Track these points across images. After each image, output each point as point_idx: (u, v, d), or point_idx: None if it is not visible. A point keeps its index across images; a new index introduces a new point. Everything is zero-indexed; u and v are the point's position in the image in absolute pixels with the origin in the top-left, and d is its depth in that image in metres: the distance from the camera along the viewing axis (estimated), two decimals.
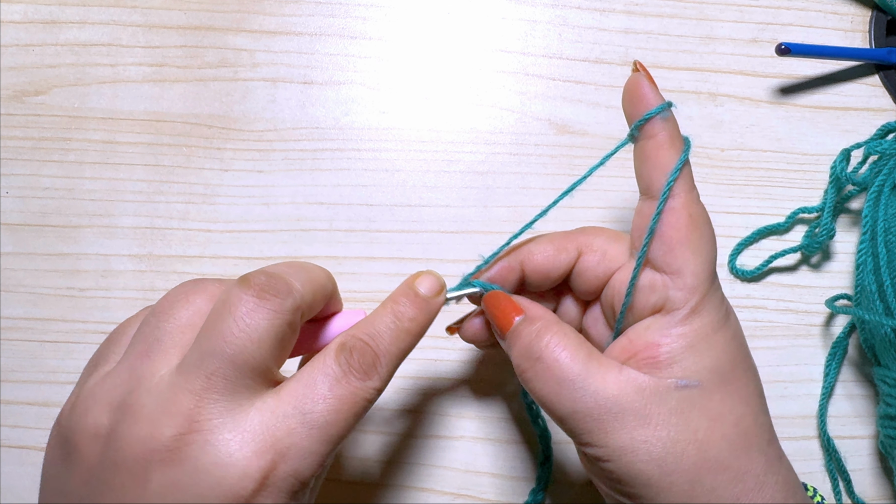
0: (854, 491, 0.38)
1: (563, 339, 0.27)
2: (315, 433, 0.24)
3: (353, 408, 0.25)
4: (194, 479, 0.22)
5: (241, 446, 0.23)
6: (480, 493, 0.38)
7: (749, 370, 0.28)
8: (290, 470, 0.23)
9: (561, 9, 0.44)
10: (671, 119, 0.28)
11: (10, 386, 0.39)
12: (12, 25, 0.43)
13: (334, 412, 0.24)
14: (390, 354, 0.27)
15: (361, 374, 0.25)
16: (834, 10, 0.44)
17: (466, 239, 0.41)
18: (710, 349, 0.27)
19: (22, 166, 0.41)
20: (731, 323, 0.28)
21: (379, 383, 0.26)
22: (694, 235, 0.27)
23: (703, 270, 0.27)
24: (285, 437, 0.23)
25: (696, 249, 0.27)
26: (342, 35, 0.43)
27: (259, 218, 0.41)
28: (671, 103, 0.28)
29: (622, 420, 0.26)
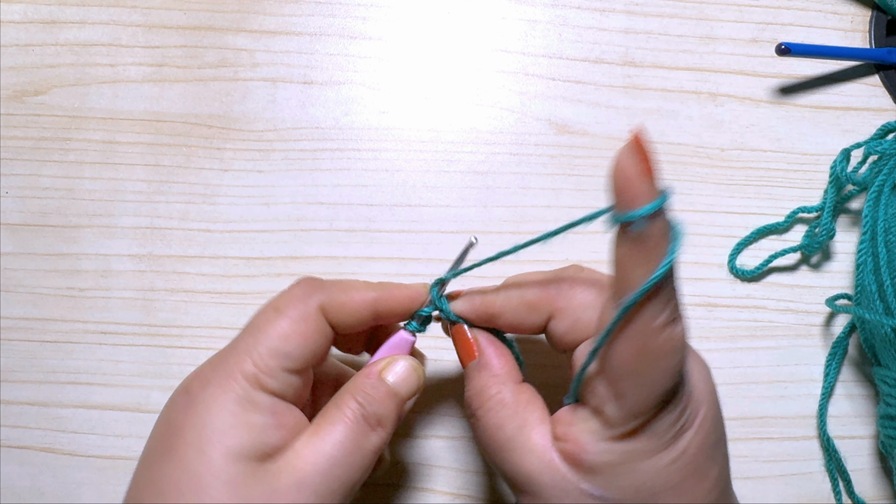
0: (854, 491, 0.38)
1: (501, 401, 0.28)
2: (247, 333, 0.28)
3: (282, 306, 0.28)
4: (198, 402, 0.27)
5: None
6: (480, 493, 0.38)
7: (687, 492, 0.25)
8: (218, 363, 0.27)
9: (561, 9, 0.44)
10: (659, 222, 0.22)
11: (10, 386, 0.39)
12: (12, 25, 0.43)
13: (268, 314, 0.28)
14: (338, 283, 0.29)
15: (299, 285, 0.29)
16: (834, 10, 0.44)
17: (466, 239, 0.41)
18: (637, 473, 0.25)
19: (22, 166, 0.41)
20: (678, 446, 0.25)
21: (311, 288, 0.29)
22: (643, 368, 0.23)
23: (646, 401, 0.24)
24: (230, 346, 0.28)
25: (644, 381, 0.24)
26: (342, 35, 0.43)
27: (259, 218, 0.41)
28: (666, 196, 0.22)
29: (537, 496, 0.26)
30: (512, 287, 0.30)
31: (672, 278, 0.23)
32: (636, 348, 0.23)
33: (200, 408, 0.26)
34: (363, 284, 0.30)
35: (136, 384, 0.39)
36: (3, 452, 0.38)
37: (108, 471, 0.38)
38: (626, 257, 0.23)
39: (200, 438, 0.25)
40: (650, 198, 0.22)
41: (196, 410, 0.26)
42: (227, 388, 0.26)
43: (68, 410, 0.38)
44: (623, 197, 0.22)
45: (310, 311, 0.28)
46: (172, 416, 0.27)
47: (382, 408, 0.28)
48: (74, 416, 0.38)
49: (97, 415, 0.38)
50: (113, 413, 0.38)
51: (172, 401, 0.27)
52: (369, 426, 0.28)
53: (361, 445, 0.27)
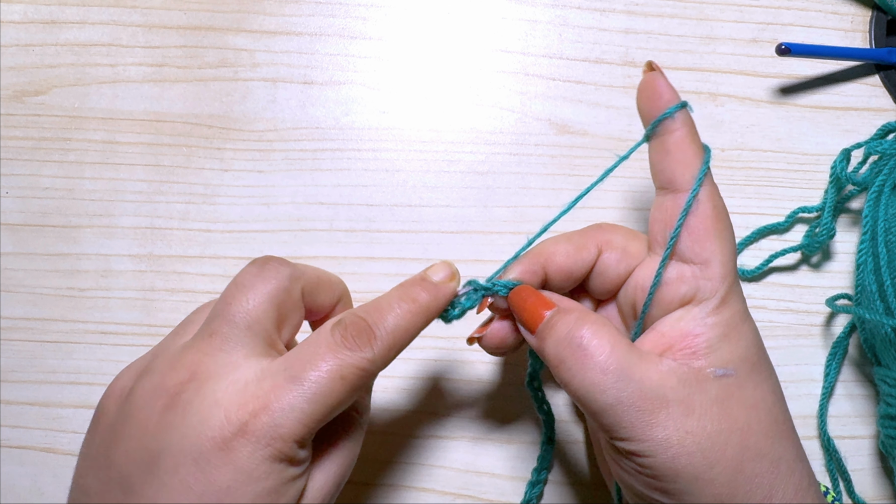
0: (854, 491, 0.38)
1: (601, 328, 0.27)
2: (299, 390, 0.25)
3: (343, 373, 0.25)
4: (184, 419, 0.24)
5: (227, 395, 0.25)
6: (480, 493, 0.38)
7: (769, 361, 0.29)
8: (269, 421, 0.24)
9: (561, 9, 0.44)
10: (689, 116, 0.29)
11: (10, 386, 0.39)
12: (12, 25, 0.43)
13: (323, 375, 0.25)
14: (388, 329, 0.27)
15: (354, 344, 0.26)
16: (834, 10, 0.44)
17: (466, 239, 0.41)
18: (741, 338, 0.27)
19: (22, 166, 0.41)
20: (747, 309, 0.29)
21: (372, 354, 0.26)
22: (719, 226, 0.28)
23: (729, 260, 0.28)
24: (270, 391, 0.25)
25: (723, 240, 0.28)
26: (342, 35, 0.43)
27: (259, 218, 0.41)
28: (686, 103, 0.29)
29: (667, 411, 0.25)
30: (556, 238, 0.31)
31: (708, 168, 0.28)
32: (712, 207, 0.28)
33: (247, 466, 0.24)
34: (410, 324, 0.28)
35: None
36: (3, 452, 0.38)
37: None
38: (671, 153, 0.28)
39: (253, 500, 0.24)
40: (676, 101, 0.28)
41: (243, 470, 0.24)
42: (278, 449, 0.24)
43: (68, 410, 0.38)
44: (657, 102, 0.28)
45: (370, 382, 0.27)
46: (208, 466, 0.24)
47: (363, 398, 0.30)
48: (74, 416, 0.38)
49: None
50: None
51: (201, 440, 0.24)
52: (359, 416, 0.29)
53: (356, 439, 0.29)
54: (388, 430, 0.38)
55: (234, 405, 0.24)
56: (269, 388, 0.25)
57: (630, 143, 0.42)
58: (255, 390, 0.25)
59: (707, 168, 0.28)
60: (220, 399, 0.24)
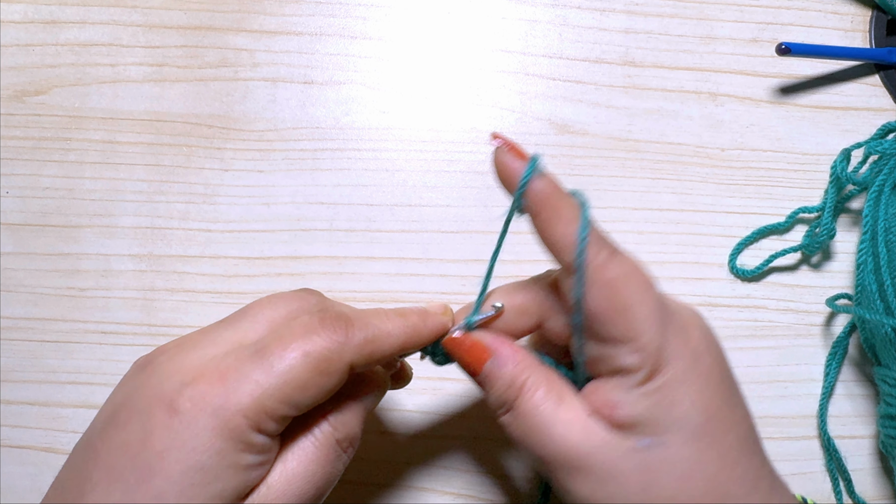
0: (855, 491, 0.38)
1: (534, 384, 0.27)
2: (258, 363, 0.24)
3: (307, 349, 0.25)
4: (148, 379, 0.25)
5: (191, 362, 0.25)
6: (480, 493, 0.38)
7: (728, 417, 0.26)
8: (220, 390, 0.24)
9: (561, 8, 0.44)
10: (544, 183, 0.25)
11: (10, 386, 0.39)
12: (12, 25, 0.43)
13: (288, 352, 0.25)
14: (367, 323, 0.27)
15: (328, 327, 0.26)
16: (834, 10, 0.44)
17: (467, 239, 0.41)
18: (677, 405, 0.25)
19: (22, 166, 0.41)
20: (703, 365, 0.25)
21: (343, 338, 0.26)
22: (620, 299, 0.24)
23: (647, 329, 0.24)
24: (231, 363, 0.25)
25: (630, 312, 0.24)
26: (342, 35, 0.43)
27: (259, 218, 0.41)
28: (535, 161, 0.25)
29: (587, 472, 0.25)
30: (500, 297, 0.29)
31: (593, 225, 0.25)
32: (600, 288, 0.24)
33: (185, 437, 0.23)
34: (393, 329, 0.27)
35: None
36: (3, 452, 0.38)
37: None
38: (547, 234, 0.25)
39: (184, 479, 0.23)
40: (522, 170, 0.25)
41: (180, 438, 0.23)
42: (222, 422, 0.23)
43: (68, 410, 0.38)
44: (509, 180, 0.26)
45: (338, 368, 0.26)
46: (148, 431, 0.24)
47: (353, 429, 0.28)
48: (74, 416, 0.38)
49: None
50: None
51: (149, 408, 0.24)
52: (341, 449, 0.27)
53: (334, 469, 0.27)
54: (388, 429, 0.38)
55: (192, 370, 0.24)
56: (232, 361, 0.25)
57: (630, 143, 0.42)
58: (218, 362, 0.25)
59: (583, 247, 0.24)
60: (183, 364, 0.25)
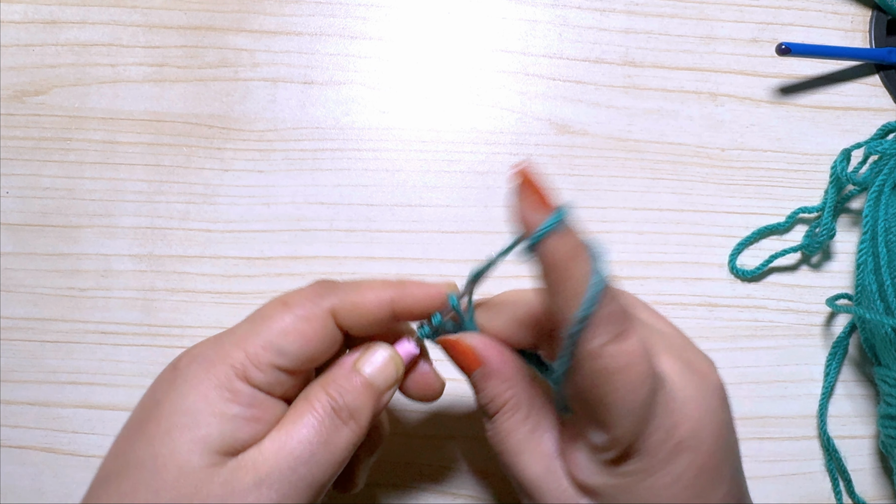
0: (854, 491, 0.38)
1: (512, 406, 0.27)
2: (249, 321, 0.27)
3: (292, 301, 0.27)
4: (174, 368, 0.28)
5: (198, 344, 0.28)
6: (480, 493, 0.38)
7: (710, 493, 0.24)
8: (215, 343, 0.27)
9: (561, 9, 0.44)
10: (565, 240, 0.22)
11: (10, 386, 0.39)
12: (12, 25, 0.43)
13: (274, 305, 0.27)
14: (353, 284, 0.28)
15: (313, 285, 0.28)
16: (834, 10, 0.44)
17: (467, 239, 0.41)
18: (635, 495, 0.24)
19: (22, 166, 0.41)
20: (682, 460, 0.24)
21: (325, 290, 0.28)
22: (603, 391, 0.22)
23: (622, 424, 0.23)
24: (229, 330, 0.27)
25: (609, 405, 0.23)
26: (342, 35, 0.43)
27: (259, 218, 0.41)
28: (562, 213, 0.22)
29: (540, 502, 0.26)
30: (506, 305, 0.29)
31: (606, 296, 0.22)
32: (589, 374, 0.22)
33: (180, 387, 0.25)
34: (380, 284, 0.28)
35: (136, 384, 0.39)
36: (3, 452, 0.38)
37: None
38: (549, 289, 0.23)
39: (171, 420, 0.25)
40: (545, 217, 0.21)
41: (176, 389, 0.25)
42: (211, 371, 0.25)
43: (68, 410, 0.38)
44: (527, 222, 0.22)
45: (318, 312, 0.27)
46: (155, 390, 0.27)
47: (355, 400, 0.27)
48: (74, 416, 0.38)
49: (97, 415, 0.38)
50: (113, 413, 0.38)
51: (161, 374, 0.27)
52: (341, 420, 0.26)
53: (331, 441, 0.26)
54: (389, 430, 0.38)
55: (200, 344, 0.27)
56: (229, 328, 0.28)
57: (630, 143, 0.42)
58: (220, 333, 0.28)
59: (581, 325, 0.21)
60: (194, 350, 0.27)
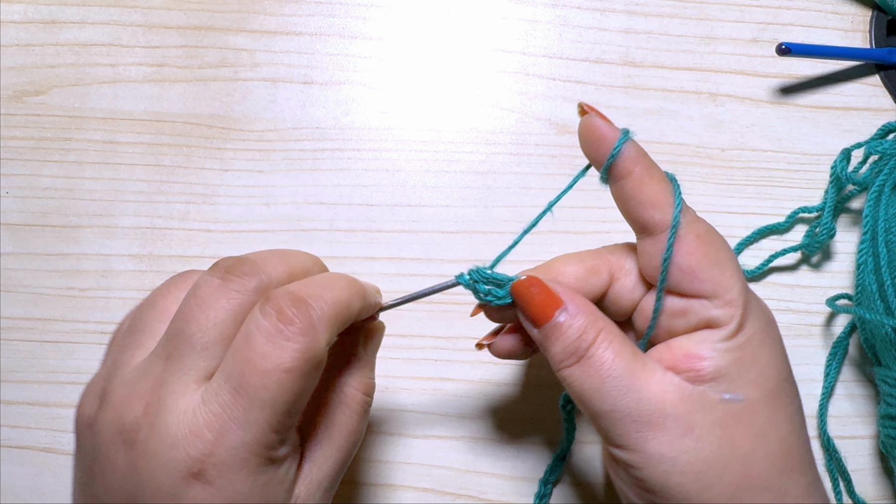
0: (855, 491, 0.38)
1: (607, 335, 0.26)
2: (246, 402, 0.23)
3: (286, 366, 0.23)
4: (147, 461, 0.23)
5: (180, 430, 0.23)
6: (481, 493, 0.38)
7: (793, 386, 0.27)
8: (231, 444, 0.23)
9: (561, 9, 0.44)
10: (637, 148, 0.27)
11: (10, 386, 0.39)
12: (12, 25, 0.43)
13: (265, 375, 0.23)
14: (326, 300, 0.25)
15: (290, 328, 0.23)
16: (834, 10, 0.44)
17: (467, 239, 0.41)
18: (757, 363, 0.26)
19: (22, 166, 0.41)
20: (775, 333, 0.27)
21: (314, 337, 0.24)
22: (711, 253, 0.26)
23: (735, 283, 0.26)
24: (220, 413, 0.23)
25: (721, 266, 0.26)
26: (342, 35, 0.43)
27: (259, 218, 0.41)
28: (628, 131, 0.27)
29: (663, 426, 0.25)
30: (567, 257, 0.30)
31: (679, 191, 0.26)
32: (695, 237, 0.26)
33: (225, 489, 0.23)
34: (345, 295, 0.26)
35: None
36: (3, 452, 0.38)
37: None
38: (635, 197, 0.26)
39: None
40: (617, 137, 0.26)
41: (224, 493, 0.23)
42: (246, 464, 0.23)
43: (68, 410, 0.38)
44: (600, 147, 0.27)
45: (320, 357, 0.24)
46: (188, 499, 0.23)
47: (372, 381, 0.29)
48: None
49: None
50: None
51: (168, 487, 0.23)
52: (369, 404, 0.28)
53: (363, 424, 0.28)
54: (388, 430, 0.38)
55: (190, 440, 0.23)
56: (218, 410, 0.23)
57: None
58: (204, 416, 0.23)
59: (679, 201, 0.26)
60: (174, 436, 0.23)
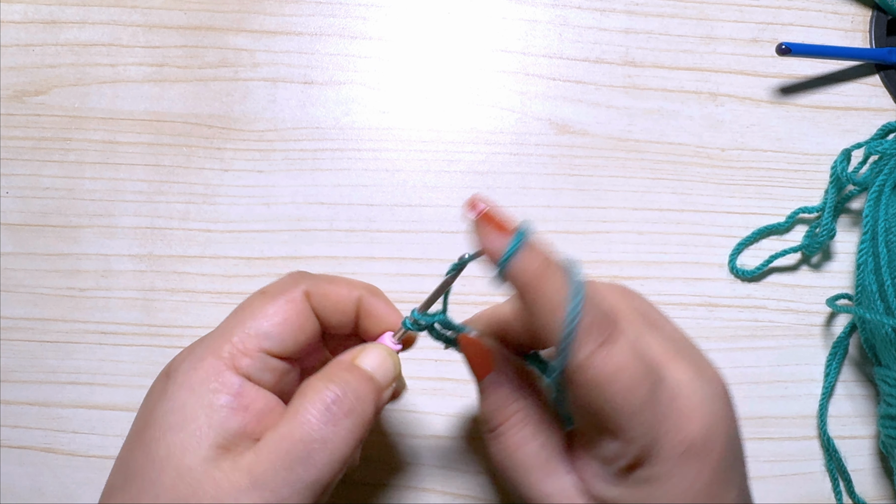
0: (855, 491, 0.38)
1: (521, 419, 0.26)
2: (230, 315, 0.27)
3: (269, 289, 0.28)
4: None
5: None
6: (480, 493, 0.38)
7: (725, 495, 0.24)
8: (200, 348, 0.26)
9: (561, 9, 0.44)
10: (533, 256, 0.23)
11: (10, 386, 0.39)
12: (12, 25, 0.43)
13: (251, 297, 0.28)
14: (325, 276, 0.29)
15: (286, 275, 0.29)
16: (834, 10, 0.44)
17: (466, 239, 0.41)
18: (663, 495, 0.23)
19: (22, 166, 0.41)
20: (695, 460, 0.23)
21: (299, 276, 0.29)
22: (604, 397, 0.22)
23: (632, 426, 0.23)
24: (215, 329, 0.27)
25: (613, 411, 0.23)
26: (342, 35, 0.43)
27: (259, 218, 0.41)
28: (522, 233, 0.23)
29: None
30: (496, 311, 0.29)
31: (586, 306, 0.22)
32: (584, 385, 0.22)
33: (170, 388, 0.25)
34: (353, 282, 0.29)
35: (136, 384, 0.39)
36: (3, 452, 0.38)
37: (108, 471, 0.38)
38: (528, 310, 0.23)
39: (164, 422, 0.25)
40: (505, 244, 0.23)
41: (166, 391, 0.25)
42: (199, 367, 0.25)
43: (68, 410, 0.38)
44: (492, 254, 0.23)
45: (295, 295, 0.27)
46: (149, 396, 0.27)
47: (357, 392, 0.25)
48: (74, 416, 0.38)
49: (97, 415, 0.38)
50: (113, 413, 0.38)
51: (154, 381, 0.27)
52: (341, 414, 0.25)
53: (329, 440, 0.24)
54: (389, 430, 0.38)
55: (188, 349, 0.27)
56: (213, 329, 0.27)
57: (630, 143, 0.42)
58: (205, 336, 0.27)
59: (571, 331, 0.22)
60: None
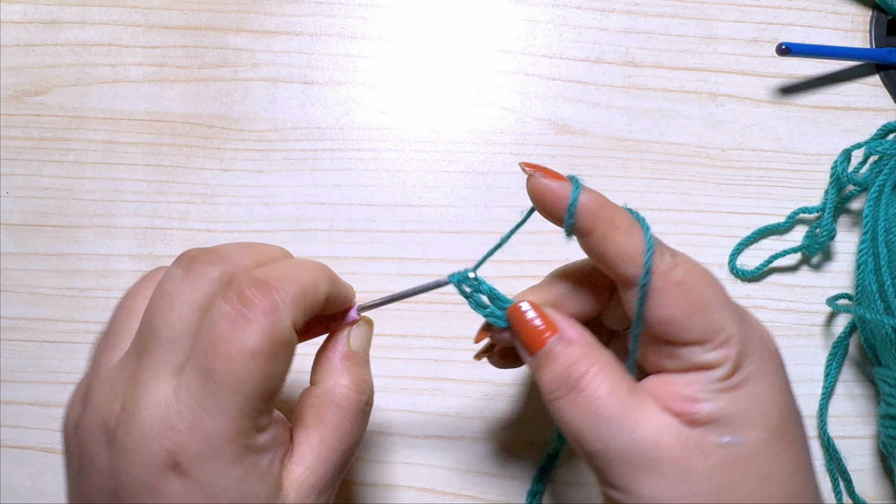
0: (855, 491, 0.38)
1: (604, 367, 0.25)
2: (215, 389, 0.22)
3: (252, 350, 0.22)
4: (125, 458, 0.23)
5: (154, 422, 0.22)
6: (480, 493, 0.38)
7: (797, 422, 0.25)
8: (204, 433, 0.22)
9: (561, 9, 0.44)
10: (594, 199, 0.25)
11: (10, 386, 0.39)
12: (12, 25, 0.43)
13: (231, 360, 0.22)
14: (288, 283, 0.24)
15: (252, 311, 0.23)
16: (834, 10, 0.44)
17: (467, 239, 0.41)
18: (757, 403, 0.24)
19: (22, 166, 0.41)
20: (776, 366, 0.26)
21: (276, 317, 0.23)
22: (694, 300, 0.24)
23: (726, 324, 0.24)
24: (190, 402, 0.22)
25: (707, 310, 0.24)
26: (342, 35, 0.43)
27: (259, 218, 0.41)
28: (578, 183, 0.25)
29: (658, 470, 0.23)
30: (562, 274, 0.28)
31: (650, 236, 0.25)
32: (675, 285, 0.24)
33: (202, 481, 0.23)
34: (311, 277, 0.26)
35: None
36: (3, 452, 0.38)
37: None
38: (605, 253, 0.25)
39: None
40: (566, 194, 0.25)
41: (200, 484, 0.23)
42: (219, 452, 0.23)
43: None
44: (555, 206, 0.25)
45: (287, 339, 0.24)
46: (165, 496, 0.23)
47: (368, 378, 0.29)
48: None
49: None
50: None
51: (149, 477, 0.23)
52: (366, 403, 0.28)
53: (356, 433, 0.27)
54: (388, 430, 0.38)
55: (164, 432, 0.22)
56: (188, 400, 0.22)
57: (630, 143, 0.42)
58: (176, 408, 0.22)
59: (650, 252, 0.24)
60: (148, 430, 0.22)
